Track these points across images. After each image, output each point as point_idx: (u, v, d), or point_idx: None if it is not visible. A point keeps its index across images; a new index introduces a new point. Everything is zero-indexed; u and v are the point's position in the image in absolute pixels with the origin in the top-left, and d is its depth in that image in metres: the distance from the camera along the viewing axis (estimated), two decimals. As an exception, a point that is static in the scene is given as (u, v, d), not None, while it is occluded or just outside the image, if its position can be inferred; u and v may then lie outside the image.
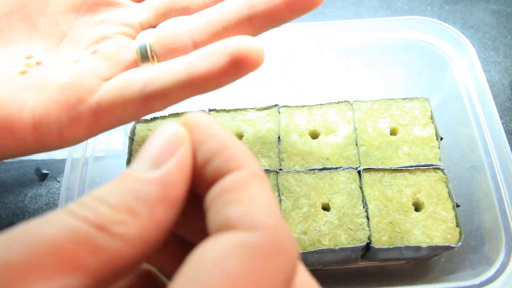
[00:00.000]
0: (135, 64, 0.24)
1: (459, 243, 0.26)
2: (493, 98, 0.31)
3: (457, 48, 0.34)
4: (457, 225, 0.27)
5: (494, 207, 0.27)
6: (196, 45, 0.23)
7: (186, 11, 0.24)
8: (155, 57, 0.24)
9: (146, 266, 0.15)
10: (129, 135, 0.33)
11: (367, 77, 0.37)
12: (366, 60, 0.36)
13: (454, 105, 0.33)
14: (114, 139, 0.34)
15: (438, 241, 0.27)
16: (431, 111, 0.32)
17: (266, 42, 0.34)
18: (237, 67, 0.21)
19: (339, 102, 0.33)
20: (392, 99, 0.33)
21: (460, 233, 0.27)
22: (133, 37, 0.25)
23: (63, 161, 0.36)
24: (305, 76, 0.37)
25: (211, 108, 0.33)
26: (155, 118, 0.34)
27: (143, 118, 0.34)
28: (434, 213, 0.28)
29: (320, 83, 0.37)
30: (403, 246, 0.26)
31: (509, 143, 0.29)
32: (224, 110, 0.33)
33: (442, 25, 0.34)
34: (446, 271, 0.29)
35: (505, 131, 0.29)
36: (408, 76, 0.37)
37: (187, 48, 0.23)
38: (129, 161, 0.32)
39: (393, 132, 0.31)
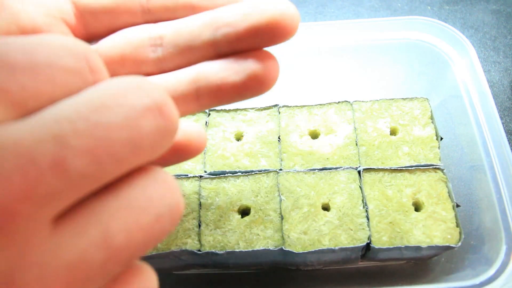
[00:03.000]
0: None
1: (459, 243, 0.26)
2: (493, 98, 0.31)
3: (457, 48, 0.34)
4: (457, 225, 0.27)
5: (494, 207, 0.27)
6: None
7: (136, 69, 0.23)
8: None
9: None
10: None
11: (367, 77, 0.37)
12: (366, 60, 0.36)
13: (454, 105, 0.33)
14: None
15: (438, 241, 0.27)
16: (431, 111, 0.32)
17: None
18: (176, 155, 0.21)
19: (339, 102, 0.33)
20: (392, 99, 0.33)
21: (460, 233, 0.27)
22: None
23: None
24: (305, 76, 0.37)
25: (211, 108, 0.33)
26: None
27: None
28: (434, 213, 0.28)
29: (320, 83, 0.37)
30: (403, 246, 0.26)
31: (509, 143, 0.29)
32: (224, 110, 0.33)
33: (442, 25, 0.34)
34: (446, 271, 0.29)
35: (505, 131, 0.29)
36: (408, 76, 0.37)
37: None
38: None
39: (393, 132, 0.31)
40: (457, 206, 0.28)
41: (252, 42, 0.21)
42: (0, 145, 0.10)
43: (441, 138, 0.31)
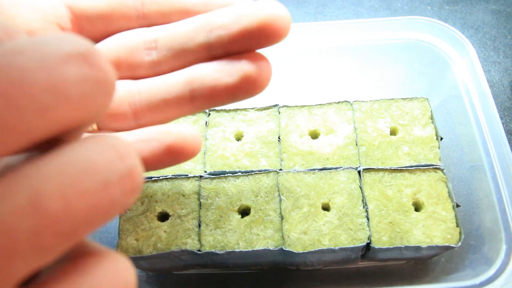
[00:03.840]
0: None
1: (459, 243, 0.26)
2: (493, 98, 0.31)
3: (457, 48, 0.34)
4: (457, 225, 0.27)
5: (494, 207, 0.27)
6: (136, 115, 0.23)
7: (131, 72, 0.24)
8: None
9: None
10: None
11: (367, 77, 0.37)
12: (366, 60, 0.36)
13: (454, 105, 0.33)
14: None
15: (438, 241, 0.27)
16: (431, 111, 0.32)
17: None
18: (172, 157, 0.21)
19: (339, 102, 0.33)
20: (392, 99, 0.33)
21: (460, 233, 0.27)
22: None
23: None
24: (305, 76, 0.37)
25: (211, 108, 0.33)
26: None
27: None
28: (434, 213, 0.28)
29: (320, 83, 0.37)
30: (403, 246, 0.26)
31: (509, 143, 0.29)
32: (224, 110, 0.33)
33: (442, 25, 0.34)
34: (446, 271, 0.29)
35: (505, 131, 0.29)
36: (408, 76, 0.37)
37: (126, 118, 0.23)
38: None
39: (393, 132, 0.31)
40: (457, 206, 0.28)
41: (245, 44, 0.21)
42: None
43: (441, 138, 0.31)
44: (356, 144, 0.31)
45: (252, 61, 0.21)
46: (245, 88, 0.21)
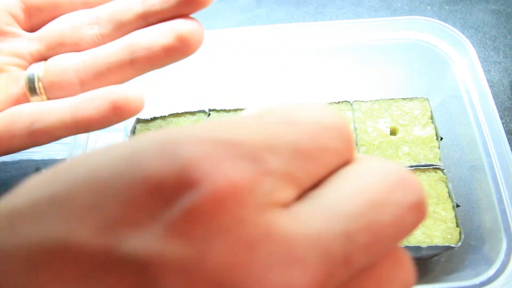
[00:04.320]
0: (24, 96, 0.25)
1: (459, 243, 0.26)
2: (493, 98, 0.31)
3: (457, 48, 0.34)
4: (457, 225, 0.27)
5: (494, 207, 0.27)
6: (82, 82, 0.25)
7: (76, 47, 0.26)
8: (42, 91, 0.25)
9: None
10: (129, 135, 0.34)
11: (367, 77, 0.37)
12: (366, 60, 0.36)
13: (454, 105, 0.33)
14: (114, 139, 0.34)
15: (438, 241, 0.27)
16: (431, 111, 0.32)
17: (266, 42, 0.34)
18: (117, 113, 0.23)
19: (339, 102, 0.33)
20: (392, 99, 0.33)
21: (460, 233, 0.27)
22: (25, 68, 0.26)
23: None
24: (305, 76, 0.37)
25: (211, 108, 0.33)
26: (155, 118, 0.34)
27: (143, 117, 0.34)
28: (434, 213, 0.28)
29: (320, 83, 0.37)
30: (403, 246, 0.26)
31: (509, 143, 0.29)
32: (224, 110, 0.33)
33: (442, 25, 0.34)
34: (446, 271, 0.29)
35: (505, 131, 0.29)
36: (408, 76, 0.37)
37: (73, 85, 0.25)
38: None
39: (393, 132, 0.31)
40: (457, 206, 0.28)
41: (176, 9, 0.24)
42: (297, 231, 0.10)
43: (441, 138, 0.31)
44: (356, 144, 0.31)
45: (184, 23, 0.24)
46: (180, 47, 0.24)
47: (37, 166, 0.37)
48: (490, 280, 0.25)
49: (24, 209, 0.10)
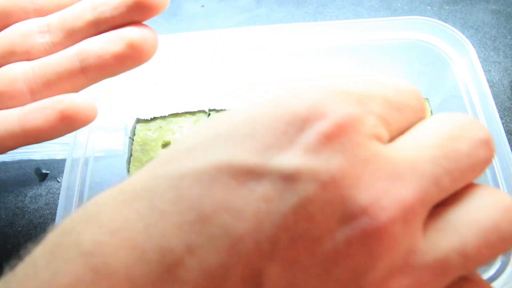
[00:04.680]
0: None
1: (459, 243, 0.26)
2: (493, 98, 0.31)
3: (457, 48, 0.34)
4: (457, 225, 0.27)
5: (494, 207, 0.27)
6: (33, 92, 0.25)
7: (27, 55, 0.25)
8: None
9: None
10: (129, 135, 0.34)
11: (367, 77, 0.37)
12: (366, 60, 0.36)
13: (454, 105, 0.33)
14: (114, 139, 0.34)
15: (438, 241, 0.27)
16: (431, 111, 0.32)
17: (266, 42, 0.34)
18: (66, 123, 0.23)
19: (339, 102, 0.33)
20: (392, 99, 0.32)
21: (460, 233, 0.27)
22: None
23: (63, 161, 0.36)
24: (305, 76, 0.37)
25: (211, 108, 0.33)
26: (155, 118, 0.34)
27: (142, 118, 0.34)
28: (434, 213, 0.28)
29: (320, 83, 0.37)
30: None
31: (509, 143, 0.29)
32: (224, 110, 0.33)
33: (442, 25, 0.34)
34: (446, 271, 0.29)
35: (505, 131, 0.29)
36: (408, 76, 0.37)
37: (23, 95, 0.25)
38: (129, 161, 0.32)
39: (393, 132, 0.31)
40: (457, 206, 0.28)
41: (127, 16, 0.24)
42: (397, 155, 0.13)
43: (441, 138, 0.31)
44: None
45: (135, 30, 0.24)
46: (132, 54, 0.23)
47: (37, 166, 0.37)
48: (490, 280, 0.25)
49: (196, 143, 0.14)
